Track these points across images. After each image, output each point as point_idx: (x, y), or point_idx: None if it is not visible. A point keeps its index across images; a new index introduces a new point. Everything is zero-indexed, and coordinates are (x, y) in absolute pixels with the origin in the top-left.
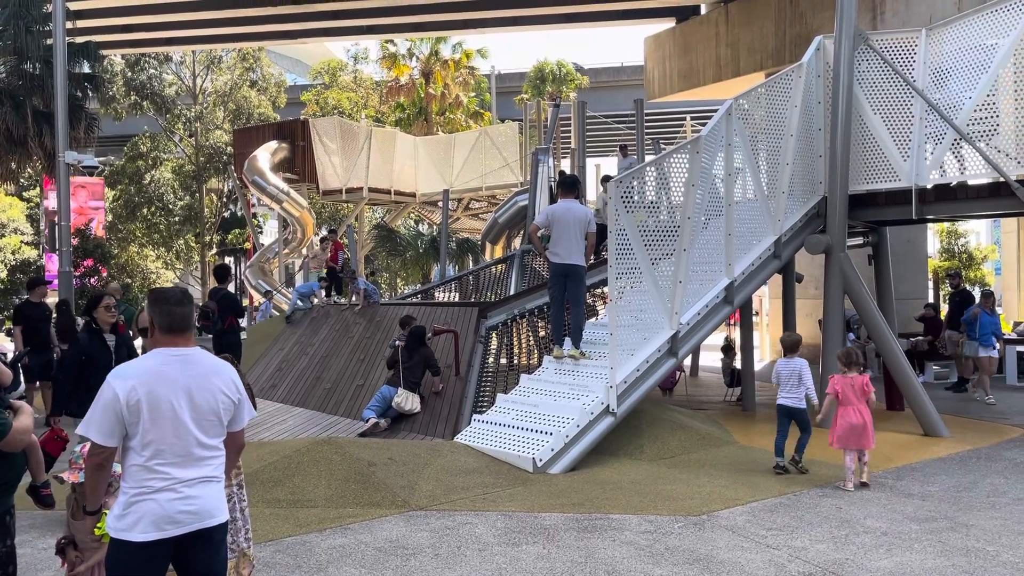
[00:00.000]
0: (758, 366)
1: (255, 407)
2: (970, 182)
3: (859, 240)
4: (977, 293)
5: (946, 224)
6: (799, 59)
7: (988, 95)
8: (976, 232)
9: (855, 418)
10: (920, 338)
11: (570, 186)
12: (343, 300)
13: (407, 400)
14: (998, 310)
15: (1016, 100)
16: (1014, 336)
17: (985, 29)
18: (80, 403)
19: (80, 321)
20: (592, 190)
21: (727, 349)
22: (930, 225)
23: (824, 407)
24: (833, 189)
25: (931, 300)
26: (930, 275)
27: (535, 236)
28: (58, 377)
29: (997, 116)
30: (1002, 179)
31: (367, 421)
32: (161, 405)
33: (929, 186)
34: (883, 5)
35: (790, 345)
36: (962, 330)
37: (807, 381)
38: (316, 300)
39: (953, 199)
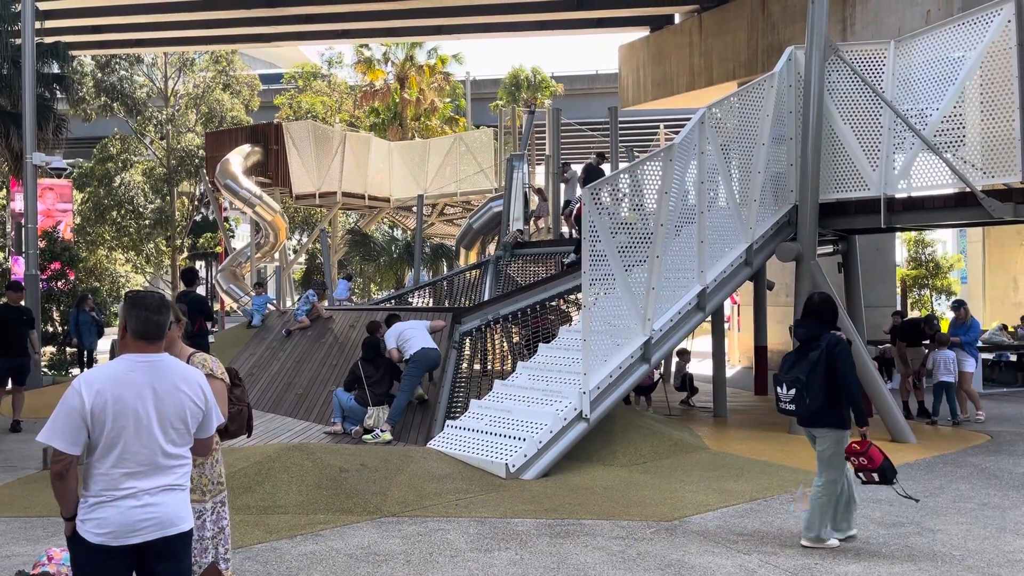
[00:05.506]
0: (730, 372)
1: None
2: (936, 192)
3: (829, 248)
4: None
5: (913, 233)
6: (771, 69)
7: (955, 106)
8: (943, 241)
9: None
10: (888, 346)
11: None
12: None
13: (378, 419)
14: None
15: (982, 112)
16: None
17: (952, 42)
18: None
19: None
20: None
21: (682, 352)
22: (898, 234)
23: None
24: (804, 198)
25: (899, 308)
26: (898, 283)
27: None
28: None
29: (963, 127)
30: (968, 189)
31: (334, 424)
32: (127, 412)
33: (897, 195)
34: (853, 17)
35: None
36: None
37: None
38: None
39: (921, 208)
